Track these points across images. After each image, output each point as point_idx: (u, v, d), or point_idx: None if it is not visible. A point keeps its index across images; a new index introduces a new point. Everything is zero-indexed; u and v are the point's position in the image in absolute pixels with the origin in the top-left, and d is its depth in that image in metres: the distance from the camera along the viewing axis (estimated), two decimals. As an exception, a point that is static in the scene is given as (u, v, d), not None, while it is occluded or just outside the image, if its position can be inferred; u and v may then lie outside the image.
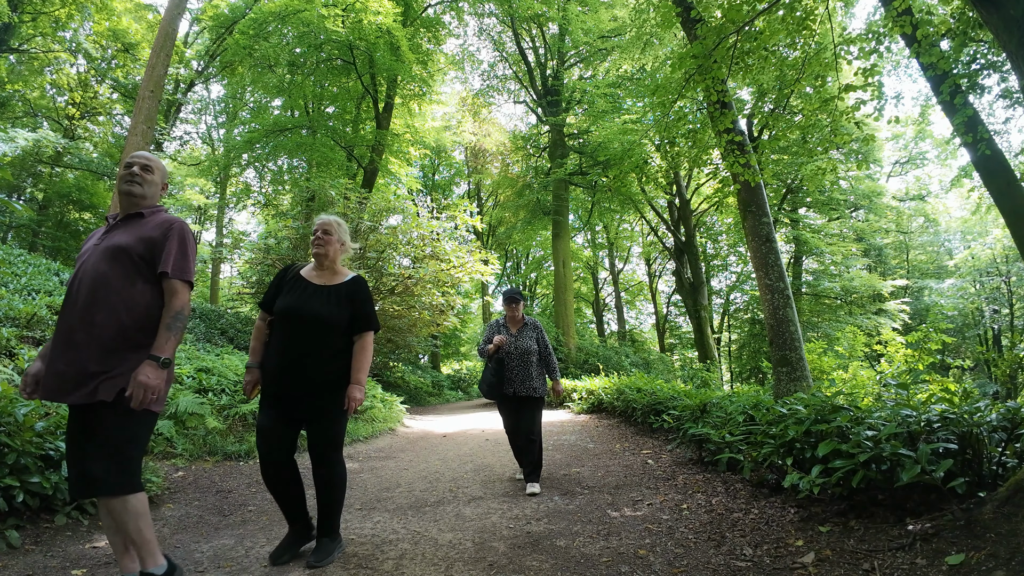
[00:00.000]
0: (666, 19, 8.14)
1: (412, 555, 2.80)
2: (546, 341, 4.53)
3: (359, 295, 2.79)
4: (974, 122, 6.02)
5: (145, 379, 2.02)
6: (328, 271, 2.85)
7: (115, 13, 16.80)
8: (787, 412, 3.57)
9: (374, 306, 2.84)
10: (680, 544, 2.83)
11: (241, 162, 18.48)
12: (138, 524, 2.09)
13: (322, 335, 2.66)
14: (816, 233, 20.60)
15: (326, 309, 2.68)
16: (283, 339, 2.67)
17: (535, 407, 4.42)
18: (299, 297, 2.72)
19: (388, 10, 13.41)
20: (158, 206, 2.37)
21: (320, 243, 2.82)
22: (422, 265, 11.35)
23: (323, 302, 2.70)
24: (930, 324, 7.68)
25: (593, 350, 19.66)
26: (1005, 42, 3.10)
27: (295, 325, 2.65)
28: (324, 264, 2.84)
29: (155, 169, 2.36)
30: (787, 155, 15.71)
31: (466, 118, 24.33)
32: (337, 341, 2.69)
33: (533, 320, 4.61)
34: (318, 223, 2.88)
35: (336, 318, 2.68)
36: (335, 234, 2.85)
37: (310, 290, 2.74)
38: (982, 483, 2.57)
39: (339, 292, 2.76)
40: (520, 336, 4.47)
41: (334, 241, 2.84)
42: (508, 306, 4.54)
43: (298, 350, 2.62)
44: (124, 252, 2.15)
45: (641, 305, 34.35)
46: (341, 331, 2.70)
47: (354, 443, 6.80)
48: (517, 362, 4.38)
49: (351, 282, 2.82)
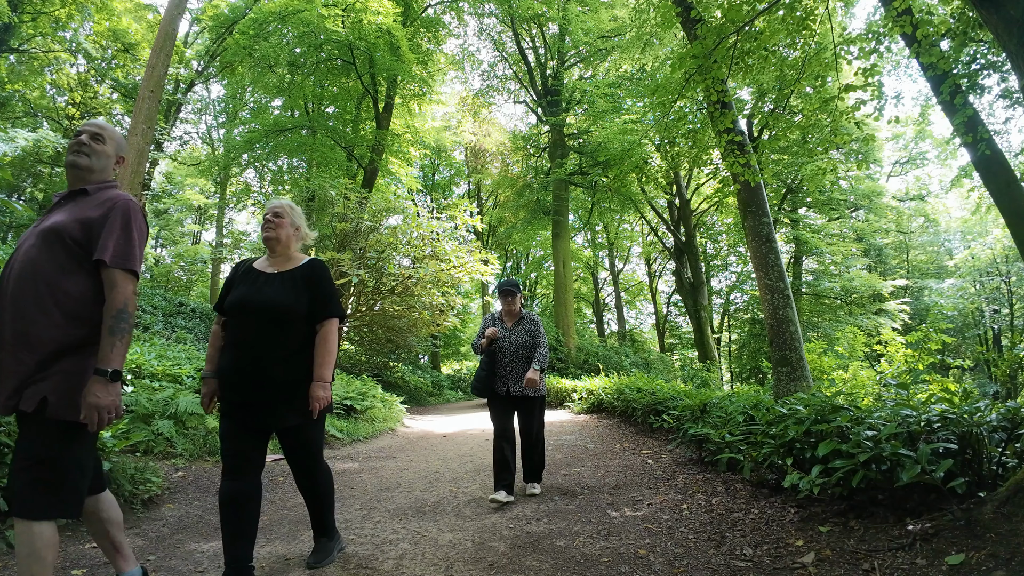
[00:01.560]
0: (666, 19, 8.14)
1: (412, 555, 2.80)
2: (541, 334, 4.15)
3: (317, 277, 2.49)
4: (974, 122, 6.02)
5: (95, 400, 1.72)
6: (281, 257, 2.57)
7: (115, 13, 16.79)
8: (787, 412, 3.57)
9: (336, 289, 2.55)
10: (680, 544, 2.83)
11: (241, 162, 18.47)
12: (32, 565, 1.67)
13: (279, 327, 2.36)
14: (816, 233, 20.60)
15: (279, 296, 2.39)
16: (236, 337, 2.39)
17: (534, 407, 4.09)
18: (249, 288, 2.43)
19: (388, 10, 13.41)
20: (109, 181, 2.04)
21: (271, 226, 2.55)
22: (422, 265, 11.35)
23: (276, 289, 2.41)
24: (930, 324, 7.67)
25: (593, 350, 19.66)
26: (1005, 42, 3.10)
27: (247, 319, 2.36)
28: (276, 250, 2.56)
29: (107, 139, 2.04)
30: (787, 155, 15.71)
31: (466, 118, 24.33)
32: (298, 334, 2.40)
33: (532, 314, 4.27)
34: (268, 206, 2.63)
35: (292, 305, 2.38)
36: (287, 217, 2.59)
37: (261, 279, 2.46)
38: (982, 483, 2.57)
39: (293, 277, 2.47)
40: (516, 330, 4.13)
41: (286, 224, 2.57)
42: (503, 299, 4.19)
43: (254, 348, 2.33)
44: (58, 235, 1.83)
45: (641, 305, 34.37)
46: (302, 321, 2.41)
47: (354, 443, 6.80)
48: (511, 358, 4.04)
49: (307, 265, 2.53)
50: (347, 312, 12.49)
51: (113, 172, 2.09)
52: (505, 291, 4.19)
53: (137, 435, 4.00)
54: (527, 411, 4.07)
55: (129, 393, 4.85)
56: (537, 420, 4.13)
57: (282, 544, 3.00)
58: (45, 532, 1.71)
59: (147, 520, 3.38)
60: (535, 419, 4.10)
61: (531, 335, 4.10)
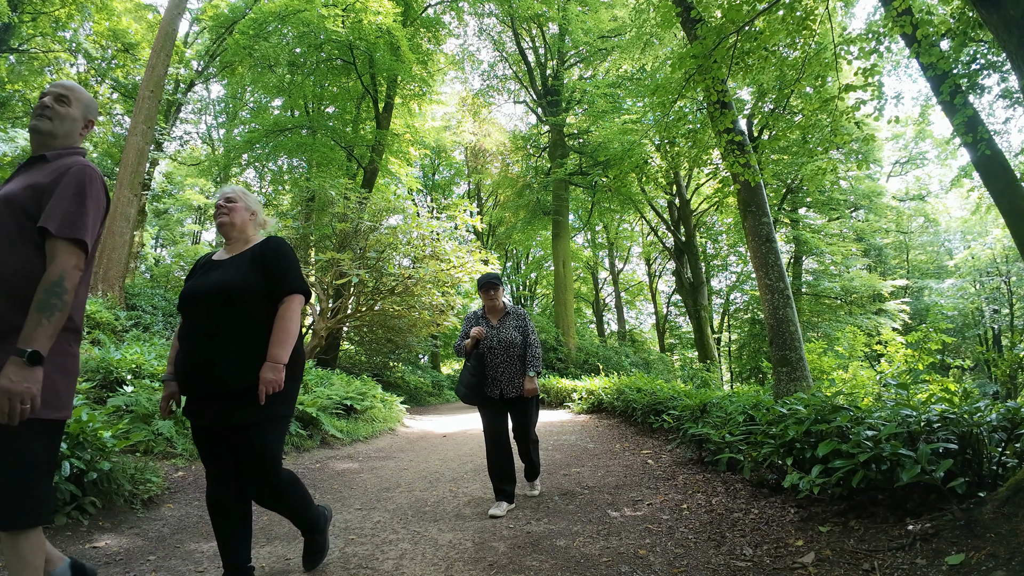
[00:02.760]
0: (666, 19, 8.14)
1: (412, 555, 2.80)
2: (531, 330, 3.85)
3: (272, 253, 2.26)
4: (974, 122, 6.02)
5: (7, 384, 1.49)
6: (238, 243, 2.37)
7: (115, 13, 16.78)
8: (787, 412, 3.57)
9: (296, 264, 2.30)
10: (680, 544, 2.83)
11: (241, 162, 18.47)
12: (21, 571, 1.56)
13: (231, 312, 2.12)
14: (816, 233, 20.61)
15: (226, 276, 2.18)
16: (188, 330, 2.18)
17: (529, 406, 3.84)
18: (202, 277, 2.26)
19: (388, 10, 13.41)
20: (73, 147, 1.83)
21: (223, 212, 2.36)
22: (422, 265, 11.35)
23: (223, 271, 2.22)
24: (930, 324, 7.68)
25: (593, 350, 19.66)
26: (1005, 42, 3.10)
27: (197, 308, 2.17)
28: (232, 236, 2.37)
29: (73, 101, 1.84)
30: (787, 155, 15.71)
31: (466, 118, 24.34)
32: (254, 317, 2.15)
33: (517, 308, 3.94)
34: (220, 193, 2.45)
35: (241, 285, 2.15)
36: (240, 201, 2.41)
37: (214, 267, 2.29)
38: (982, 483, 2.57)
39: (243, 257, 2.26)
40: (502, 327, 3.81)
41: (239, 209, 2.38)
42: (485, 294, 3.84)
43: (205, 337, 2.11)
44: (7, 205, 1.64)
45: (641, 305, 34.37)
46: (258, 303, 2.17)
47: (354, 443, 6.80)
48: (501, 357, 3.71)
49: (261, 242, 2.33)
50: (347, 312, 12.51)
51: (81, 137, 1.88)
52: (487, 284, 3.83)
53: (137, 435, 4.00)
54: (522, 410, 3.83)
55: (129, 393, 4.85)
56: (533, 418, 3.93)
57: (282, 544, 3.00)
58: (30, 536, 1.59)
59: (147, 520, 3.38)
60: (531, 418, 3.88)
61: (520, 331, 3.81)
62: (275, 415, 2.16)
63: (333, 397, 7.06)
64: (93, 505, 3.21)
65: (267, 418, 2.13)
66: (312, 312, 12.70)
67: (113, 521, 3.23)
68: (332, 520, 3.44)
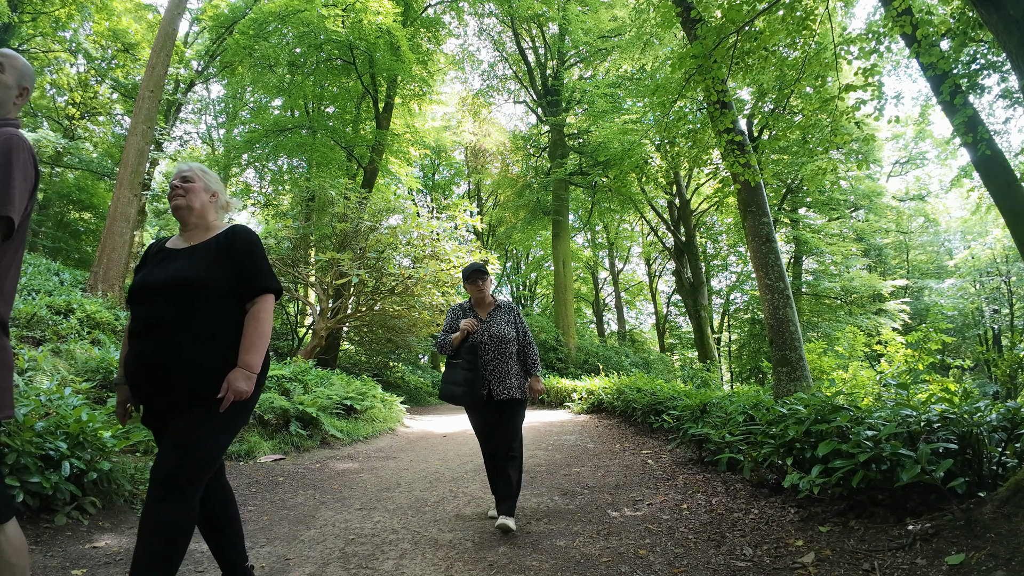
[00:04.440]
0: (666, 19, 8.14)
1: (412, 555, 2.80)
2: (526, 326, 3.55)
3: (241, 245, 2.03)
4: (974, 122, 6.02)
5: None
6: (197, 230, 2.10)
7: (115, 13, 16.79)
8: (787, 412, 3.57)
9: (266, 260, 2.08)
10: (680, 544, 2.83)
11: (241, 162, 18.49)
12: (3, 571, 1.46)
13: (191, 307, 1.89)
14: (816, 233, 20.61)
15: (186, 269, 1.94)
16: (139, 325, 1.92)
17: (515, 412, 3.40)
18: (156, 267, 2.01)
19: (388, 10, 13.42)
20: (5, 118, 1.67)
21: (179, 193, 2.08)
22: (422, 265, 11.36)
23: (183, 263, 1.98)
24: (930, 324, 7.67)
25: (593, 350, 19.66)
26: (1005, 42, 3.10)
27: (153, 302, 1.91)
28: (190, 221, 2.09)
29: (7, 67, 1.69)
30: (787, 155, 15.71)
31: (466, 118, 24.34)
32: (215, 315, 1.92)
33: (507, 301, 3.58)
34: (176, 172, 2.16)
35: (202, 278, 1.92)
36: (199, 181, 2.13)
37: (171, 257, 2.03)
38: (982, 483, 2.57)
39: (207, 247, 2.02)
40: (494, 321, 3.45)
41: (198, 190, 2.10)
42: (472, 284, 3.46)
43: (161, 337, 1.86)
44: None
45: (641, 305, 34.37)
46: (220, 299, 1.93)
47: (354, 443, 6.80)
48: (492, 354, 3.38)
49: (227, 231, 2.08)
50: (347, 312, 12.51)
51: (16, 107, 1.71)
52: (473, 273, 3.46)
53: (137, 435, 4.00)
54: (510, 416, 3.40)
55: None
56: (519, 426, 3.49)
57: (282, 544, 3.00)
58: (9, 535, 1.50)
59: (147, 520, 3.37)
60: (516, 425, 3.44)
61: (513, 326, 3.49)
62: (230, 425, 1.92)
63: (333, 397, 7.06)
64: (93, 505, 3.21)
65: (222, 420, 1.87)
66: (312, 312, 12.70)
67: (113, 521, 3.23)
68: (332, 521, 3.44)
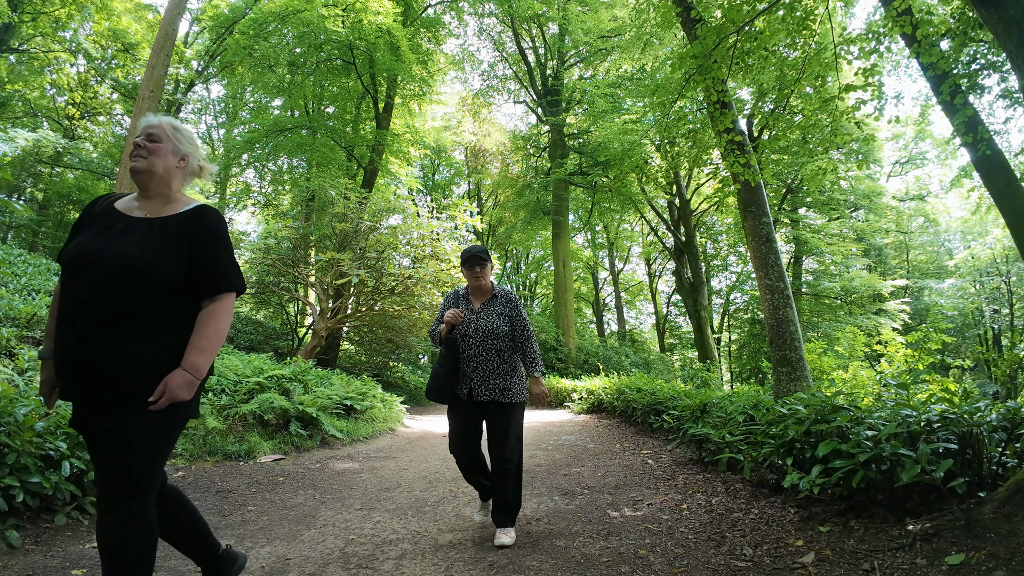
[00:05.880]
0: (666, 19, 8.14)
1: (412, 555, 2.80)
2: (523, 319, 3.10)
3: (206, 232, 1.75)
4: (974, 122, 6.02)
5: None
6: (157, 199, 1.80)
7: (115, 13, 16.80)
8: (787, 412, 3.57)
9: (232, 253, 1.83)
10: (680, 544, 2.83)
11: (241, 162, 18.49)
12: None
13: (133, 294, 1.62)
14: (816, 233, 20.61)
15: (138, 250, 1.65)
16: (71, 306, 1.64)
17: (507, 416, 3.00)
18: (99, 235, 1.69)
19: (388, 10, 13.42)
20: None
21: (140, 154, 1.77)
22: (422, 265, 11.36)
23: (135, 240, 1.68)
24: (930, 324, 7.68)
25: (593, 350, 19.67)
26: (1005, 42, 3.10)
27: (88, 279, 1.62)
28: (150, 188, 1.79)
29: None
30: (787, 155, 15.72)
31: (466, 118, 24.34)
32: (161, 305, 1.67)
33: (507, 291, 3.19)
34: (141, 126, 1.83)
35: (155, 265, 1.65)
36: (166, 141, 1.81)
37: (120, 225, 1.71)
38: (982, 483, 2.57)
39: (167, 226, 1.73)
40: (486, 312, 3.08)
41: (164, 151, 1.79)
42: (469, 270, 3.09)
43: (92, 326, 1.60)
44: None
45: (641, 305, 34.37)
46: (169, 289, 1.68)
47: (354, 443, 6.80)
48: (476, 349, 3.00)
49: (192, 213, 1.77)
50: (347, 312, 12.51)
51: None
52: (471, 258, 3.08)
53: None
54: (498, 421, 3.00)
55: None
56: (513, 434, 3.01)
57: (282, 544, 3.00)
58: None
59: (147, 520, 3.37)
60: (510, 433, 2.99)
61: (507, 319, 3.08)
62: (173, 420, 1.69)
63: (333, 397, 7.06)
64: (93, 505, 3.21)
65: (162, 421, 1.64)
66: (312, 312, 12.70)
67: (113, 521, 3.22)
68: (332, 521, 3.44)
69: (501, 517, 2.98)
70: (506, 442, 2.97)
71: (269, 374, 6.65)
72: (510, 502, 2.99)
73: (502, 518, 2.98)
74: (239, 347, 11.56)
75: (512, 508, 3.01)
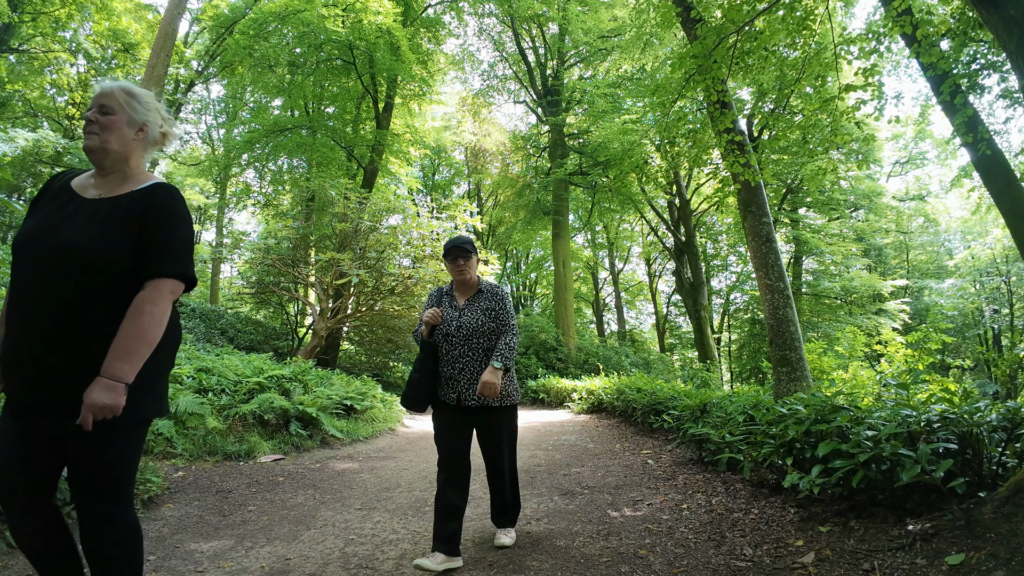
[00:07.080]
0: (666, 19, 8.14)
1: (412, 555, 2.80)
2: (509, 314, 2.85)
3: (155, 210, 1.56)
4: (974, 122, 6.02)
5: None
6: (114, 176, 1.64)
7: (115, 13, 16.79)
8: (787, 412, 3.57)
9: (185, 235, 1.62)
10: (680, 544, 2.83)
11: (241, 162, 18.49)
12: None
13: (80, 283, 1.48)
14: (816, 233, 20.61)
15: (83, 234, 1.50)
16: (17, 296, 1.52)
17: (499, 422, 2.84)
18: (49, 217, 1.56)
19: (388, 10, 13.42)
20: None
21: (93, 130, 1.60)
22: (422, 265, 11.37)
23: (82, 224, 1.52)
24: (930, 324, 7.68)
25: (593, 350, 19.65)
26: (1005, 42, 3.10)
27: (34, 266, 1.50)
28: (105, 165, 1.63)
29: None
30: (787, 155, 15.71)
31: (466, 118, 24.34)
32: (113, 294, 1.51)
33: (495, 286, 2.94)
34: (94, 97, 1.64)
35: (100, 248, 1.49)
36: (121, 112, 1.62)
37: (72, 206, 1.57)
38: (982, 483, 2.57)
39: (117, 206, 1.56)
40: (469, 309, 2.85)
41: (118, 124, 1.61)
42: (453, 263, 2.86)
43: (34, 321, 1.48)
44: None
45: (641, 305, 34.37)
46: (120, 275, 1.52)
47: (354, 443, 6.80)
48: (461, 349, 2.78)
49: (145, 190, 1.60)
50: (347, 312, 12.52)
51: None
52: (454, 249, 2.85)
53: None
54: (490, 428, 2.84)
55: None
56: (506, 441, 2.88)
57: (282, 544, 3.00)
58: None
59: (147, 520, 3.37)
60: (503, 439, 2.86)
61: (493, 315, 2.83)
62: (134, 419, 1.54)
63: (333, 397, 7.06)
64: (93, 505, 3.21)
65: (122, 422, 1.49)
66: (312, 312, 12.71)
67: (113, 521, 3.23)
68: (332, 521, 3.44)
69: (501, 518, 3.01)
70: (498, 446, 2.86)
71: (269, 374, 6.65)
72: (509, 504, 3.00)
73: (502, 519, 3.01)
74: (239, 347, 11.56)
75: (512, 509, 3.02)
